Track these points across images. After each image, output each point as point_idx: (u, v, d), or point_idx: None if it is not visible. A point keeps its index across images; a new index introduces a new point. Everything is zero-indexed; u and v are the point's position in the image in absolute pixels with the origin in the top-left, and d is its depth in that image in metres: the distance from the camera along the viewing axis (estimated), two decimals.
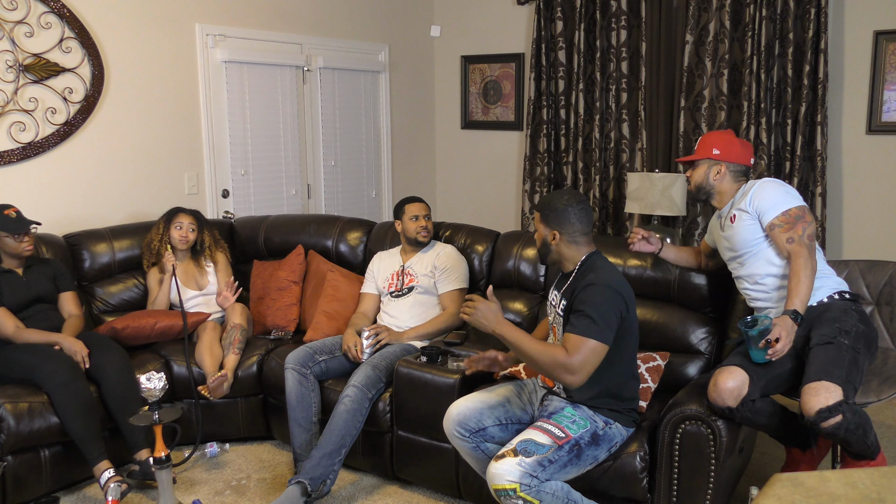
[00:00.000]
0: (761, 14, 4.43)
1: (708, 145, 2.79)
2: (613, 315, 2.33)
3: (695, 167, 2.83)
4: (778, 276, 2.63)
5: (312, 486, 2.87)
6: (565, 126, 5.30)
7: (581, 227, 2.47)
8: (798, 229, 2.55)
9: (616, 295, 2.35)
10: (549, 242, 2.50)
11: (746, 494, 2.72)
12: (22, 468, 2.90)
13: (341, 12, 5.16)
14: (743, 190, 2.74)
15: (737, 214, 2.70)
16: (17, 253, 3.20)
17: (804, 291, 2.46)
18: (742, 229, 2.66)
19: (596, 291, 2.34)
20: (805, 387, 2.32)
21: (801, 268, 2.48)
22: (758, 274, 2.66)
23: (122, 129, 3.99)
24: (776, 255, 2.62)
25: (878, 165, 4.38)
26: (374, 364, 3.10)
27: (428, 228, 3.49)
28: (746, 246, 2.67)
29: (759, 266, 2.65)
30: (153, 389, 2.69)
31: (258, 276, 3.94)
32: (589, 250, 2.50)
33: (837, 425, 2.24)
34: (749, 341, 2.43)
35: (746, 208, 2.66)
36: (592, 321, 2.29)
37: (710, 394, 2.43)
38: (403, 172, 5.79)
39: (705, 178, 2.80)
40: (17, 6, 3.53)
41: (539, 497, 2.23)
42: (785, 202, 2.60)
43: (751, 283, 2.69)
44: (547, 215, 2.49)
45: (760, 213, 2.63)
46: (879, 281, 2.90)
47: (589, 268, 2.44)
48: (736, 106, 4.66)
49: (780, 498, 1.42)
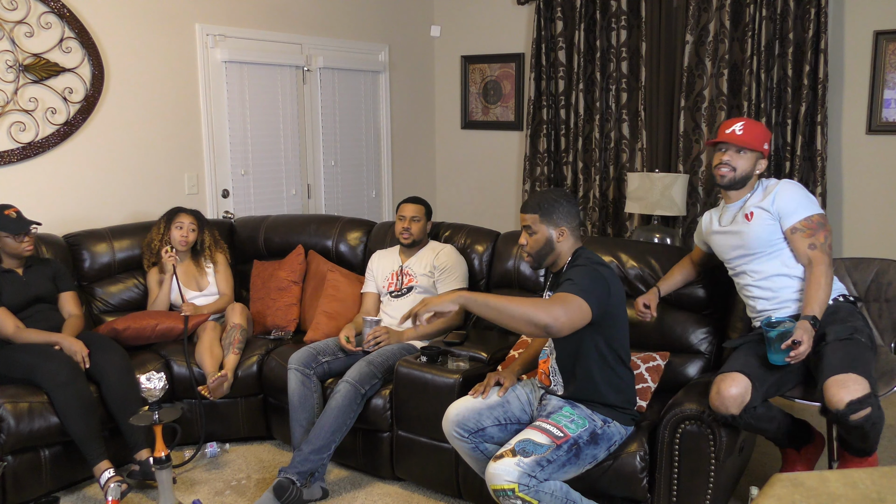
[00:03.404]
0: (761, 14, 4.43)
1: (759, 138, 2.67)
2: (597, 287, 2.33)
3: (741, 154, 2.66)
4: (787, 278, 2.60)
5: (300, 480, 2.89)
6: (565, 126, 5.30)
7: (579, 219, 2.53)
8: (820, 237, 2.54)
9: (598, 275, 2.36)
10: (556, 241, 2.49)
11: (746, 494, 2.72)
12: (22, 468, 2.90)
13: (341, 12, 5.16)
14: (764, 187, 2.67)
15: (755, 212, 2.63)
16: (18, 253, 3.20)
17: (823, 299, 2.46)
18: (761, 228, 2.61)
19: (579, 270, 2.38)
20: (831, 379, 2.29)
21: (822, 275, 2.48)
22: (767, 274, 2.63)
23: (122, 129, 4.00)
24: (791, 258, 2.60)
25: (878, 165, 4.38)
26: (369, 360, 3.10)
27: (411, 231, 3.46)
28: (763, 245, 2.62)
29: (772, 266, 2.62)
30: (153, 389, 2.69)
31: (258, 276, 3.94)
32: (578, 245, 2.53)
33: (866, 417, 2.23)
34: (769, 343, 2.41)
35: (768, 208, 2.61)
36: (573, 283, 2.31)
37: (713, 401, 2.40)
38: (403, 172, 5.79)
39: (751, 169, 2.68)
40: (17, 6, 3.53)
41: (538, 497, 2.23)
42: (808, 208, 2.58)
43: (756, 281, 2.66)
44: (549, 213, 2.48)
45: (782, 214, 2.58)
46: (866, 278, 2.92)
47: (577, 260, 2.47)
48: (736, 106, 4.66)
49: (780, 498, 1.42)
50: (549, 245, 2.50)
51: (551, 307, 2.21)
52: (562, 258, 2.52)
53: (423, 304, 2.26)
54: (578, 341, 2.42)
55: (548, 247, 2.50)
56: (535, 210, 2.50)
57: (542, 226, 2.50)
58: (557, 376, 2.54)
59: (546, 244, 2.50)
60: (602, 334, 2.41)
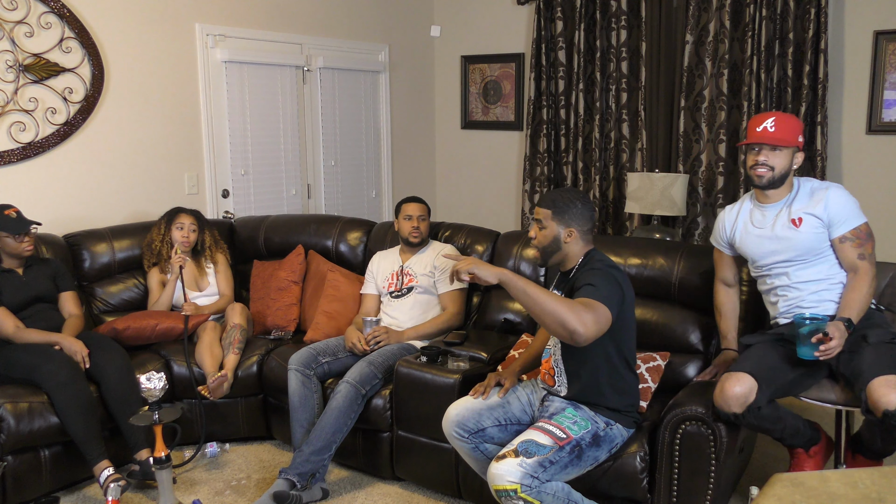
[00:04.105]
0: (761, 14, 4.43)
1: (793, 131, 2.55)
2: (615, 294, 2.32)
3: (776, 151, 2.55)
4: (821, 282, 2.56)
5: (301, 481, 2.89)
6: (565, 126, 5.30)
7: (591, 225, 2.50)
8: (868, 247, 2.52)
9: (614, 280, 2.36)
10: (563, 240, 2.48)
11: (746, 494, 2.72)
12: (22, 468, 2.90)
13: (341, 12, 5.16)
14: (810, 190, 2.58)
15: (804, 218, 2.54)
16: (18, 253, 3.20)
17: (862, 306, 2.46)
18: (811, 236, 2.53)
19: (598, 275, 2.37)
20: (879, 379, 2.25)
21: (866, 284, 2.47)
22: (807, 279, 2.57)
23: (122, 129, 3.99)
24: (835, 265, 2.55)
25: (878, 165, 4.38)
26: (370, 360, 3.10)
27: (420, 230, 3.47)
28: (811, 252, 2.55)
29: (813, 272, 2.56)
30: (153, 389, 2.69)
31: (258, 276, 3.94)
32: (590, 247, 2.52)
33: None
34: (799, 338, 2.39)
35: (820, 215, 2.52)
36: (597, 290, 2.29)
37: (717, 399, 2.39)
38: (403, 172, 5.79)
39: (790, 166, 2.57)
40: (17, 6, 3.53)
41: (540, 498, 2.23)
42: (858, 217, 2.53)
43: (793, 283, 2.59)
44: (562, 212, 2.47)
45: (833, 222, 2.51)
46: (881, 283, 2.86)
47: (590, 262, 2.46)
48: (736, 106, 4.66)
49: (780, 498, 1.42)
50: (556, 243, 2.49)
51: (583, 313, 2.19)
52: (570, 259, 2.51)
53: (469, 262, 2.25)
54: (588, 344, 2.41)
55: (555, 245, 2.49)
56: (550, 206, 2.49)
57: (553, 223, 2.48)
58: (562, 377, 2.53)
59: (553, 242, 2.49)
60: (612, 338, 2.39)
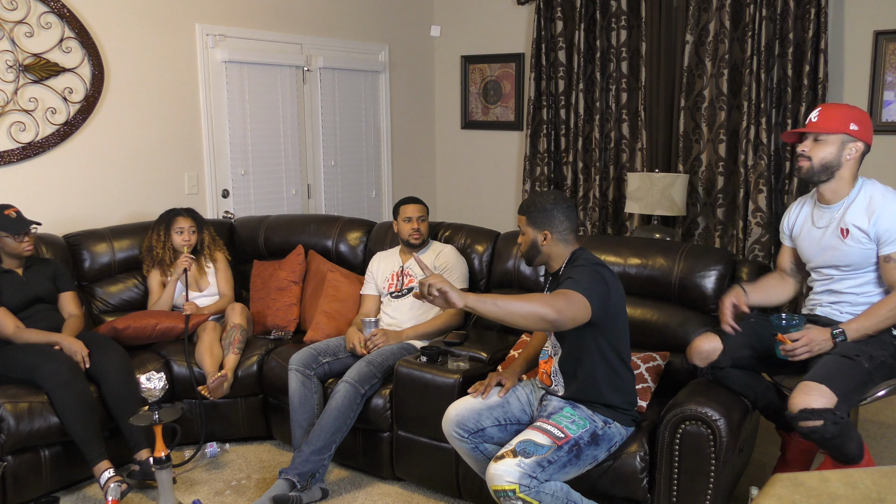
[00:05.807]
0: (761, 14, 4.43)
1: (842, 118, 2.41)
2: (597, 286, 2.33)
3: (819, 141, 2.44)
4: (857, 295, 2.52)
5: (301, 481, 2.89)
6: (565, 126, 5.30)
7: (570, 225, 2.51)
8: None
9: (598, 275, 2.37)
10: (540, 244, 2.51)
11: (746, 494, 2.72)
12: (22, 468, 2.90)
13: (341, 12, 5.16)
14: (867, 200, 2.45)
15: (851, 231, 2.45)
16: (17, 253, 3.20)
17: (873, 323, 2.40)
18: (857, 249, 2.46)
19: (579, 270, 2.40)
20: (801, 383, 2.30)
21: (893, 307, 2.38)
22: (849, 289, 2.54)
23: (122, 129, 4.00)
24: (875, 280, 2.49)
25: (879, 165, 4.37)
26: (369, 360, 3.10)
27: (420, 231, 3.46)
28: (857, 266, 2.49)
29: (856, 286, 2.52)
30: (153, 389, 2.69)
31: (258, 276, 3.94)
32: (575, 247, 2.53)
33: (814, 429, 2.22)
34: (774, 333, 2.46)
35: (868, 230, 2.42)
36: (574, 281, 2.32)
37: (687, 351, 2.61)
38: (403, 172, 5.79)
39: (838, 156, 2.43)
40: (17, 6, 3.53)
41: (539, 498, 2.23)
42: None
43: (834, 288, 2.57)
44: (535, 217, 2.50)
45: (882, 240, 2.41)
46: None
47: (575, 261, 2.47)
48: (736, 106, 4.66)
49: (780, 498, 1.42)
50: (535, 248, 2.53)
51: (554, 301, 2.22)
52: (555, 260, 2.53)
53: (440, 281, 2.11)
54: (581, 342, 2.43)
55: (533, 249, 2.53)
56: (524, 212, 2.55)
57: (529, 228, 2.53)
58: (559, 377, 2.54)
59: (532, 246, 2.54)
60: (604, 335, 2.41)
